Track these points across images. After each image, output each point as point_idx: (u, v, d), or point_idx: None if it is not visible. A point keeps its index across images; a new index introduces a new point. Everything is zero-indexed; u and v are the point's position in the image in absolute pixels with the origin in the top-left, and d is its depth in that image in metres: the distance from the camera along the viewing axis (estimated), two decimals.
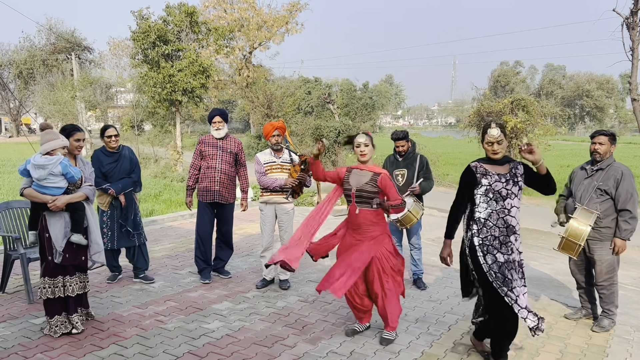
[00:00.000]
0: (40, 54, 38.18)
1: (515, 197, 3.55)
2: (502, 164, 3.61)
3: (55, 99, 27.24)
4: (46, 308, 4.17)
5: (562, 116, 19.34)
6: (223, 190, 5.62)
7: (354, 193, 4.12)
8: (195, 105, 19.22)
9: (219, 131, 5.60)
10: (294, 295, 5.33)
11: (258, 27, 30.94)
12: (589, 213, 4.41)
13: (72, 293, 4.19)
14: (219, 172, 5.58)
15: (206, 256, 5.75)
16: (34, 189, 4.06)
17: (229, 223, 5.86)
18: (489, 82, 59.00)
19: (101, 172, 5.36)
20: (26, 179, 4.11)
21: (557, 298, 5.48)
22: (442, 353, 4.02)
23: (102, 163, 5.41)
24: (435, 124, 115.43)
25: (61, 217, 4.13)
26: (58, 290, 4.13)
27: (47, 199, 4.03)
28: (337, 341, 4.19)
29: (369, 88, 42.85)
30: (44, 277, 4.12)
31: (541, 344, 4.22)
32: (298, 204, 11.28)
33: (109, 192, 5.33)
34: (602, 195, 4.44)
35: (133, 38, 17.32)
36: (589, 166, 4.61)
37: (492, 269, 3.52)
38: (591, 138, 4.59)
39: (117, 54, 34.55)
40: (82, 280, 4.31)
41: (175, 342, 4.09)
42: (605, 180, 4.43)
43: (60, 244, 4.09)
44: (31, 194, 4.06)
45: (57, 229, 4.10)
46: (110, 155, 5.47)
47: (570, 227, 4.42)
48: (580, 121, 67.10)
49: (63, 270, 4.16)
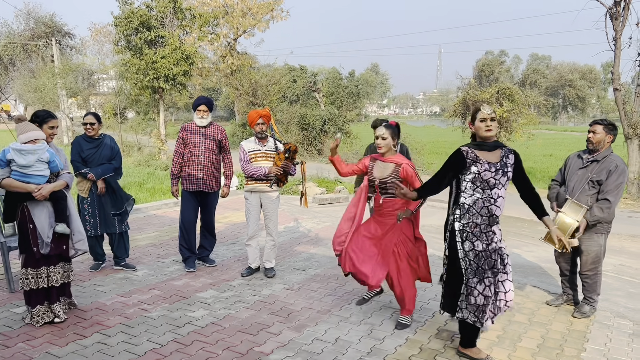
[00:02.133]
0: (19, 40, 37.31)
1: (502, 187, 3.53)
2: (493, 150, 3.56)
3: (36, 86, 26.72)
4: (28, 298, 4.11)
5: (546, 105, 19.52)
6: (207, 177, 5.58)
7: (378, 185, 4.23)
8: (178, 92, 19.00)
9: (202, 120, 5.54)
10: (279, 283, 5.33)
11: (243, 14, 30.57)
12: (578, 207, 4.42)
13: (56, 283, 4.15)
14: (203, 159, 5.53)
15: (190, 244, 5.71)
16: (15, 178, 3.94)
17: (211, 211, 5.83)
18: (474, 71, 59.29)
19: (81, 158, 5.31)
20: (3, 169, 3.98)
21: (540, 285, 5.56)
22: (426, 339, 4.05)
23: (82, 148, 5.35)
24: (420, 113, 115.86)
25: (45, 207, 4.06)
26: (42, 281, 4.08)
27: (32, 188, 3.94)
28: (322, 328, 4.20)
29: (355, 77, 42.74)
30: (27, 268, 4.05)
31: (523, 330, 4.28)
32: (283, 193, 11.26)
33: (88, 176, 5.26)
34: (594, 188, 4.45)
35: (116, 24, 17.00)
36: (586, 155, 4.60)
37: (467, 256, 3.53)
38: (589, 126, 4.59)
39: (99, 40, 33.96)
40: (65, 270, 4.25)
41: (160, 331, 4.07)
42: (599, 172, 4.43)
43: (47, 234, 4.03)
44: (12, 184, 3.94)
45: (43, 219, 4.03)
46: (91, 141, 5.40)
47: (559, 220, 4.44)
48: (564, 111, 67.87)
49: (47, 261, 4.10)
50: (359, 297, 4.79)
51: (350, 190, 12.78)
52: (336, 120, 23.46)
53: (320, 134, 22.82)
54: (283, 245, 6.88)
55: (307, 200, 5.55)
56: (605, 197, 4.38)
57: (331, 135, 23.15)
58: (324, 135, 22.93)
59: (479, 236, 3.53)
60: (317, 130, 22.65)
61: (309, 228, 8.05)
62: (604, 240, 4.55)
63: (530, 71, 66.19)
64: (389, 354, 3.79)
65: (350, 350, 3.83)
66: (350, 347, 3.88)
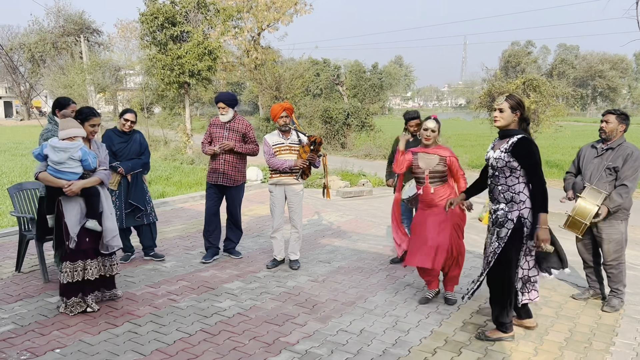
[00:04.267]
0: (49, 37, 38.19)
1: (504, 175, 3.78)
2: (502, 138, 3.84)
3: (66, 82, 27.31)
4: (63, 290, 4.22)
5: (574, 96, 19.10)
6: (230, 171, 5.65)
7: (428, 175, 4.47)
8: (204, 87, 19.19)
9: (223, 116, 5.64)
10: (304, 275, 5.38)
11: (267, 8, 30.63)
12: (598, 192, 4.42)
13: (91, 276, 4.26)
14: (225, 153, 5.61)
15: (209, 236, 5.81)
16: (49, 173, 4.08)
17: (235, 204, 5.88)
18: (500, 62, 58.19)
19: (111, 151, 5.45)
20: (41, 163, 4.13)
21: (567, 278, 5.48)
22: (452, 332, 4.05)
23: (112, 142, 5.50)
24: (445, 106, 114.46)
25: (77, 203, 4.17)
26: (77, 274, 4.20)
27: (63, 184, 4.06)
28: (347, 320, 4.24)
29: (378, 69, 42.50)
30: (65, 262, 4.17)
31: (550, 324, 4.24)
32: (307, 185, 11.31)
33: (118, 170, 5.41)
34: (611, 175, 4.45)
35: (141, 20, 17.24)
36: (600, 145, 4.60)
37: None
38: (602, 116, 4.60)
39: (125, 37, 34.51)
40: (105, 264, 4.36)
41: (188, 321, 4.16)
42: (615, 159, 4.43)
43: (74, 230, 4.13)
44: (46, 178, 4.08)
45: (73, 215, 4.14)
46: (122, 135, 5.55)
47: (578, 206, 4.44)
48: (593, 102, 66.21)
49: (84, 254, 4.22)
50: (421, 296, 4.76)
51: (374, 183, 12.76)
52: (359, 114, 23.39)
53: (344, 127, 22.79)
54: (307, 237, 6.93)
55: (329, 192, 5.59)
56: (623, 183, 4.39)
57: (354, 129, 23.11)
58: (347, 129, 22.89)
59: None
60: (340, 124, 22.61)
61: (333, 221, 8.09)
62: (625, 227, 4.52)
63: (558, 62, 64.75)
64: (414, 345, 3.80)
65: (375, 341, 3.86)
66: (375, 338, 3.91)
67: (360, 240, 6.87)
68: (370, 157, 19.54)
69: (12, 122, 45.40)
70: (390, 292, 4.92)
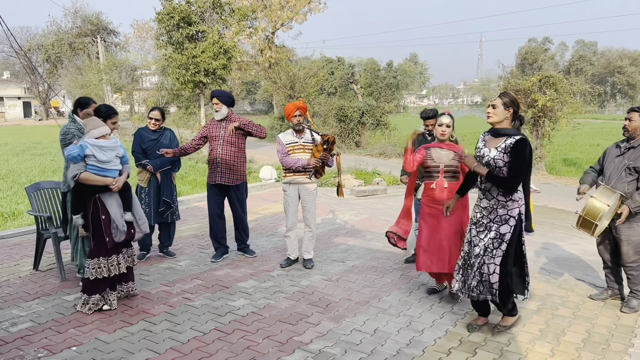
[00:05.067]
0: (67, 37, 38.69)
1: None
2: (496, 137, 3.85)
3: (83, 82, 27.66)
4: (92, 287, 4.24)
5: (592, 93, 18.81)
6: (226, 171, 5.61)
7: (443, 169, 4.49)
8: (218, 86, 19.30)
9: (217, 113, 5.62)
10: (317, 274, 5.37)
11: (281, 7, 30.70)
12: (611, 192, 4.35)
13: (122, 269, 4.35)
14: (221, 153, 5.59)
15: (215, 236, 5.84)
16: (93, 172, 4.11)
17: (235, 204, 5.79)
18: (516, 59, 57.58)
19: (141, 149, 5.58)
20: (78, 164, 4.11)
21: (585, 278, 5.41)
22: (466, 332, 4.01)
23: (143, 140, 5.62)
24: (460, 103, 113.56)
25: (115, 198, 4.27)
26: (113, 269, 4.27)
27: (110, 181, 4.17)
28: (361, 319, 4.22)
29: (393, 67, 42.30)
30: (98, 258, 4.21)
31: (567, 324, 4.18)
32: (321, 184, 11.30)
33: (147, 167, 5.50)
34: (631, 175, 4.35)
35: (157, 19, 17.40)
36: (624, 143, 4.52)
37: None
38: (626, 114, 4.53)
39: (141, 37, 34.84)
40: (129, 255, 4.45)
41: (202, 319, 4.18)
42: (636, 159, 4.33)
43: (122, 222, 4.25)
44: (90, 178, 4.10)
45: (116, 209, 4.25)
46: (152, 134, 5.68)
47: (589, 205, 4.38)
48: (612, 99, 65.16)
49: (117, 249, 4.30)
50: (428, 287, 4.96)
51: (389, 182, 12.70)
52: (374, 112, 23.30)
53: (358, 126, 22.72)
54: (321, 236, 6.92)
55: (343, 191, 5.58)
56: None
57: (369, 127, 23.02)
58: (361, 127, 22.82)
59: None
60: (355, 122, 22.55)
61: (347, 220, 8.07)
62: None
63: (575, 58, 63.82)
64: (429, 345, 3.78)
65: (389, 341, 3.84)
66: (389, 338, 3.89)
67: (374, 239, 6.84)
68: (385, 155, 19.46)
69: (31, 122, 46.10)
70: (405, 291, 4.89)
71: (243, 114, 53.84)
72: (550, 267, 5.81)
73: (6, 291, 4.78)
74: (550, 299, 4.76)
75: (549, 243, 7.00)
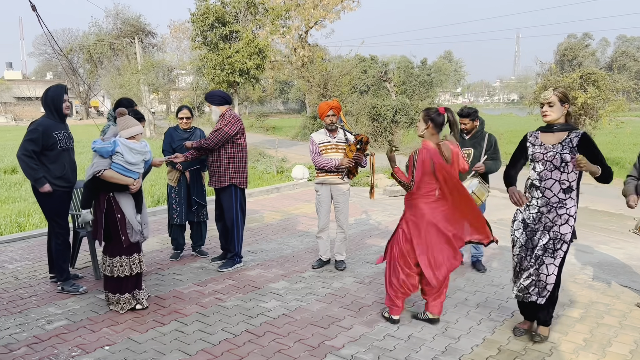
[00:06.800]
0: (107, 38, 39.66)
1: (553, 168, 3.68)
2: (554, 132, 3.72)
3: (121, 83, 28.29)
4: (119, 286, 4.27)
5: (637, 90, 18.11)
6: (211, 173, 5.39)
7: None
8: (252, 86, 19.40)
9: (213, 114, 5.42)
10: (349, 276, 5.28)
11: (314, 6, 30.65)
12: None
13: (141, 269, 4.36)
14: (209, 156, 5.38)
15: (221, 238, 5.80)
16: (117, 170, 4.12)
17: (222, 208, 5.53)
18: (555, 56, 56.02)
19: (172, 148, 5.60)
20: (105, 160, 4.09)
21: (631, 285, 5.15)
22: (505, 340, 3.86)
23: (173, 139, 5.64)
24: (497, 101, 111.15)
25: (129, 198, 4.27)
26: (135, 267, 4.29)
27: (131, 182, 4.18)
28: (394, 324, 4.11)
29: (427, 65, 41.68)
30: (120, 256, 4.23)
31: (613, 334, 3.97)
32: (353, 185, 11.19)
33: (176, 167, 5.49)
34: None
35: (192, 20, 17.61)
36: None
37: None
38: None
39: (177, 37, 35.41)
40: (140, 260, 4.43)
41: (234, 321, 4.15)
42: None
43: (136, 223, 4.24)
44: (114, 176, 4.10)
45: (130, 209, 4.25)
46: (182, 133, 5.69)
47: None
48: None
49: (137, 247, 4.32)
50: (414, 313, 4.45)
51: None
52: (408, 110, 23.00)
53: (392, 125, 22.47)
54: (353, 237, 6.83)
55: (374, 192, 5.45)
56: None
57: (402, 126, 22.74)
58: (395, 126, 22.56)
59: None
60: (388, 121, 22.30)
61: (379, 221, 7.94)
62: None
63: (618, 54, 61.60)
64: (465, 354, 3.64)
65: (424, 348, 3.72)
66: (424, 345, 3.77)
67: None
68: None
69: (72, 121, 47.45)
70: None
71: (276, 113, 54.05)
72: (593, 273, 5.56)
73: (43, 288, 4.87)
74: (595, 307, 4.54)
75: (590, 247, 6.72)
